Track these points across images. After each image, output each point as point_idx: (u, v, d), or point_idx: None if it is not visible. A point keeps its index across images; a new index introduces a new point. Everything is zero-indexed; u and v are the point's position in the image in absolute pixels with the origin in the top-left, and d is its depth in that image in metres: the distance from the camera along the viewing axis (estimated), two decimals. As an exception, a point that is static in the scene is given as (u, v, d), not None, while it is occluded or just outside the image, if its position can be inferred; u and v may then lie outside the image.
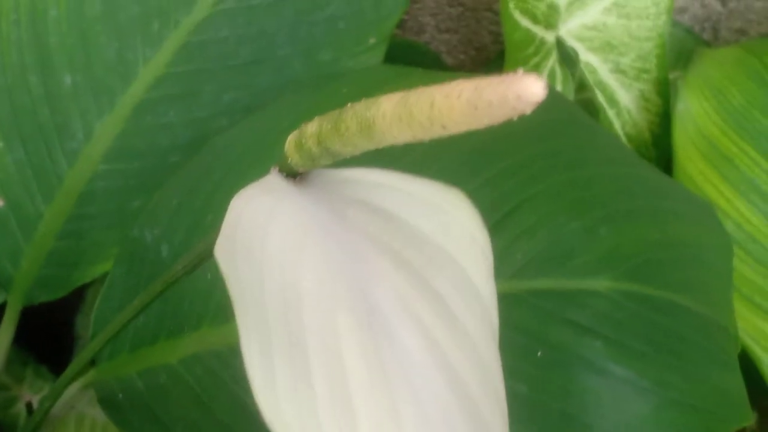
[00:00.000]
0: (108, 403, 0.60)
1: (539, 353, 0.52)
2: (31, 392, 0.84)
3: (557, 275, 0.54)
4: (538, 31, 0.68)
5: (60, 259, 0.68)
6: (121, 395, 0.60)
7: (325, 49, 0.67)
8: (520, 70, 0.27)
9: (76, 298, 0.88)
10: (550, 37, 0.69)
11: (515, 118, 0.28)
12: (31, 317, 0.73)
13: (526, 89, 0.27)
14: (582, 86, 0.71)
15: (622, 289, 0.54)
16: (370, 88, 0.61)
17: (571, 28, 0.70)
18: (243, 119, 0.63)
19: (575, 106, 0.62)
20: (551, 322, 0.53)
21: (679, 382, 0.53)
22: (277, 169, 0.39)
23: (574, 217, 0.55)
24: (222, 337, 0.58)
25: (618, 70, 0.71)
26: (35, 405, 0.84)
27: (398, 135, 0.32)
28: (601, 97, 0.71)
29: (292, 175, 0.38)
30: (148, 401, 0.59)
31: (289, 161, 0.38)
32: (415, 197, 0.37)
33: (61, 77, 0.66)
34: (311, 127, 0.37)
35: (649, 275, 0.55)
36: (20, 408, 0.84)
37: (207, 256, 0.45)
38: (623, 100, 0.72)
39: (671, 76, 0.74)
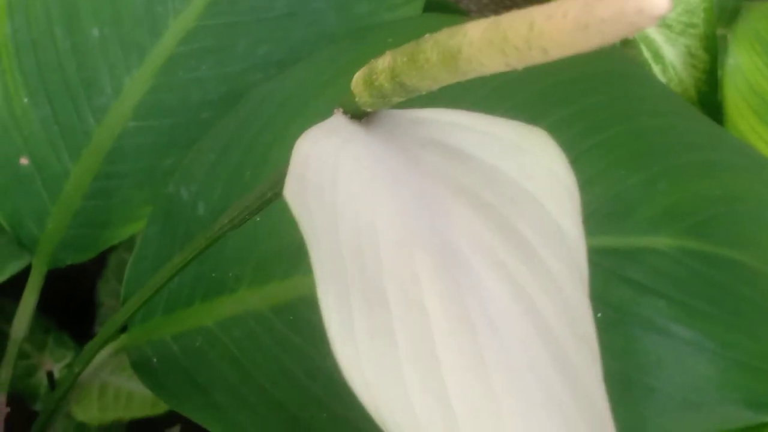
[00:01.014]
0: (141, 367, 0.58)
1: (599, 314, 0.50)
2: (53, 360, 0.82)
3: (617, 232, 0.51)
4: (584, -18, 0.65)
5: (87, 219, 0.65)
6: (155, 359, 0.58)
7: (361, 2, 0.64)
8: (640, -18, 0.25)
9: (98, 263, 0.86)
10: (595, -11, 0.66)
11: (631, 36, 0.25)
12: (51, 283, 0.71)
13: (649, 1, 0.25)
14: (626, 42, 0.69)
15: (683, 246, 0.52)
16: (418, 37, 0.58)
17: (616, -20, 0.67)
18: (280, 72, 0.61)
19: (629, 58, 0.59)
20: (611, 280, 0.51)
21: (745, 343, 0.51)
22: (341, 110, 0.36)
23: (633, 171, 0.53)
24: (263, 299, 0.56)
25: (664, 24, 0.69)
26: (56, 374, 0.82)
27: (488, 63, 0.30)
28: (646, 53, 0.69)
29: (358, 116, 0.36)
30: (184, 365, 0.56)
31: (356, 100, 0.35)
32: (493, 137, 0.35)
33: (88, 30, 0.64)
34: (383, 62, 0.34)
35: (710, 232, 0.52)
36: (41, 377, 0.82)
37: (257, 209, 0.43)
38: (669, 56, 0.69)
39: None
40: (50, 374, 0.82)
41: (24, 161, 0.65)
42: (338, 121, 0.36)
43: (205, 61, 0.64)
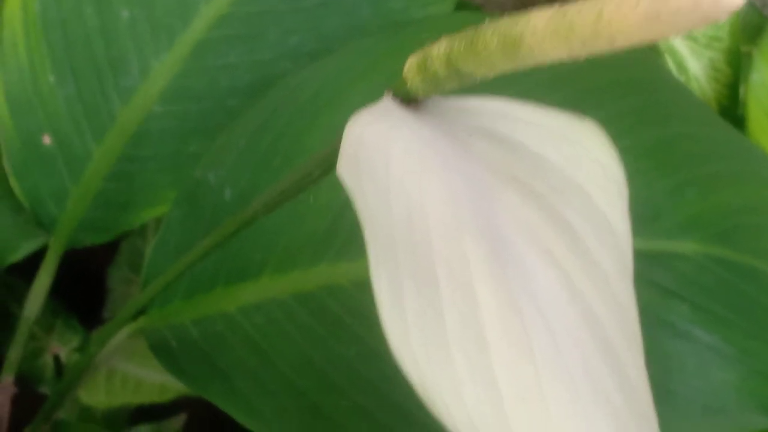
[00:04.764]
0: (160, 350, 0.58)
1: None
2: (60, 344, 0.82)
3: (643, 236, 0.52)
4: (614, -10, 0.66)
5: (108, 201, 0.65)
6: (174, 343, 0.58)
7: (395, -4, 0.64)
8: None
9: (109, 250, 0.86)
10: (624, -3, 0.67)
11: (703, 27, 0.26)
12: (61, 267, 0.71)
13: (725, -7, 0.25)
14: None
15: (709, 253, 0.52)
16: (452, 33, 0.59)
17: (645, -10, 0.68)
18: (310, 63, 0.61)
19: (660, 64, 0.60)
20: (636, 283, 0.51)
21: (764, 350, 0.51)
22: (391, 94, 0.36)
23: (662, 176, 0.53)
24: (286, 286, 0.56)
25: (689, 37, 0.69)
26: (63, 357, 0.82)
27: (551, 51, 0.30)
28: (671, 64, 0.69)
29: (407, 101, 0.36)
30: (203, 349, 0.56)
31: (408, 85, 0.35)
32: (543, 128, 0.35)
33: (118, 10, 0.64)
34: (438, 48, 0.35)
35: (737, 241, 0.53)
36: (47, 359, 0.82)
37: (293, 193, 0.43)
38: (693, 69, 0.70)
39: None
40: (57, 357, 0.82)
41: (47, 140, 0.65)
42: (388, 105, 0.36)
43: (235, 48, 0.64)
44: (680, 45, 0.69)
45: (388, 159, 0.33)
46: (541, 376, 0.30)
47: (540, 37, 0.30)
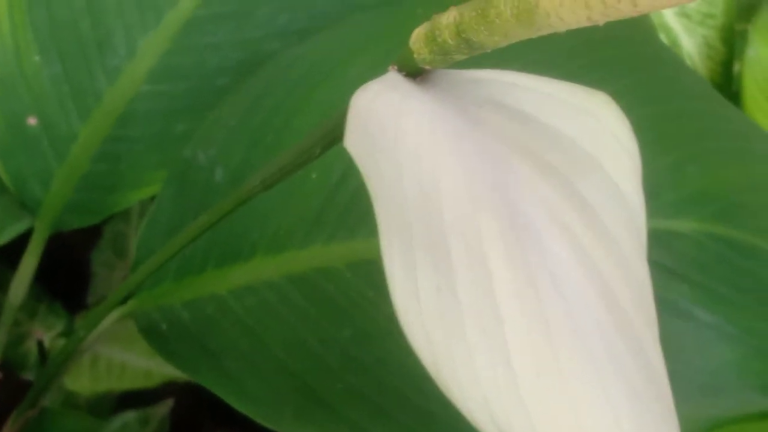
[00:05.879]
0: (150, 333, 0.57)
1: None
2: (43, 329, 0.81)
3: (643, 214, 0.51)
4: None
5: (94, 183, 0.64)
6: (164, 326, 0.57)
7: (385, -26, 0.63)
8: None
9: (91, 234, 0.84)
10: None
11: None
12: (44, 253, 0.69)
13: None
14: (644, 30, 0.68)
15: (708, 231, 0.51)
16: (445, 9, 0.57)
17: (638, -33, 0.67)
18: (300, 41, 0.60)
19: (661, 42, 0.59)
20: (636, 262, 0.50)
21: (766, 329, 0.51)
22: (396, 67, 0.35)
23: (662, 153, 0.52)
24: (277, 268, 0.55)
25: (683, 14, 0.68)
26: (47, 343, 0.80)
27: (567, 17, 0.29)
28: (665, 41, 0.69)
29: (413, 74, 0.35)
30: (194, 331, 0.55)
31: (414, 57, 0.35)
32: (555, 99, 0.34)
33: (104, -12, 0.62)
34: (448, 18, 0.34)
35: (736, 219, 0.52)
36: (31, 345, 0.80)
37: (293, 169, 0.42)
38: (686, 46, 0.69)
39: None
40: (40, 343, 0.80)
41: (32, 121, 0.64)
42: (394, 78, 0.35)
43: (223, 26, 0.63)
44: (674, 22, 0.69)
45: (399, 130, 0.32)
46: (558, 352, 0.29)
47: (557, 1, 0.29)
